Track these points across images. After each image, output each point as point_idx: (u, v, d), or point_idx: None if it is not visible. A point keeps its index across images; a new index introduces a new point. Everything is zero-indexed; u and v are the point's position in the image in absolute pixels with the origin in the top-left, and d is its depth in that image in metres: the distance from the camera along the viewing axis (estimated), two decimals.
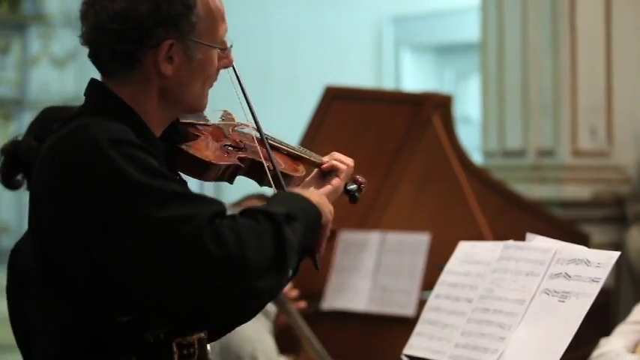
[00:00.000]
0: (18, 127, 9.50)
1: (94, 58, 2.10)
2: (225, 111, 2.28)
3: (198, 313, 1.99)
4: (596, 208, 6.05)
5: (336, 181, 2.27)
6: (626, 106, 6.14)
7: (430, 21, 9.75)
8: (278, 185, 2.21)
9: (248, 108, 2.23)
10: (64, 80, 10.03)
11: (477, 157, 6.16)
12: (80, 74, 9.96)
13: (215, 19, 2.13)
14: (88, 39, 2.08)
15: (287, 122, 5.28)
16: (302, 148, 2.33)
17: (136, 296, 1.98)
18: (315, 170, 2.31)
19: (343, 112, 4.98)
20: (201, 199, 1.98)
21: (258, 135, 2.25)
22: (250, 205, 2.09)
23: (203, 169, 2.15)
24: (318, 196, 2.16)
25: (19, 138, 2.74)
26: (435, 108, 5.09)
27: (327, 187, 2.25)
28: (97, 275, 1.97)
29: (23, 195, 3.12)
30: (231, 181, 2.21)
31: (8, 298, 2.62)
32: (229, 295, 1.93)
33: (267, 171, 2.21)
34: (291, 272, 2.06)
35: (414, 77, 9.93)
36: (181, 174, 2.19)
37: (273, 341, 4.06)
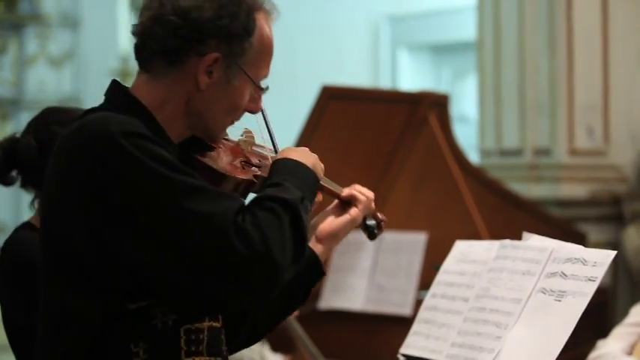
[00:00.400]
0: (15, 126, 9.48)
1: (139, 48, 2.10)
2: (245, 129, 2.27)
3: (222, 306, 2.02)
4: (592, 207, 6.04)
5: (354, 211, 2.27)
6: (622, 105, 6.14)
7: (427, 20, 9.75)
8: None
9: (273, 148, 2.24)
10: (61, 80, 10.01)
11: (473, 157, 6.16)
12: (77, 74, 9.94)
13: (265, 57, 2.15)
14: (141, 28, 2.08)
15: (284, 122, 5.27)
16: (323, 177, 2.32)
17: (152, 286, 1.97)
18: (336, 201, 2.30)
19: (340, 111, 4.98)
20: (220, 194, 1.98)
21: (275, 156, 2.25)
22: None
23: (219, 181, 2.12)
24: (312, 157, 2.17)
25: (17, 135, 2.75)
26: (432, 107, 5.09)
27: (345, 217, 2.26)
28: (110, 267, 1.95)
29: (20, 194, 3.12)
30: (244, 196, 2.19)
31: None
32: (256, 291, 1.95)
33: None
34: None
35: (411, 76, 9.93)
36: None
37: (261, 348, 4.04)
